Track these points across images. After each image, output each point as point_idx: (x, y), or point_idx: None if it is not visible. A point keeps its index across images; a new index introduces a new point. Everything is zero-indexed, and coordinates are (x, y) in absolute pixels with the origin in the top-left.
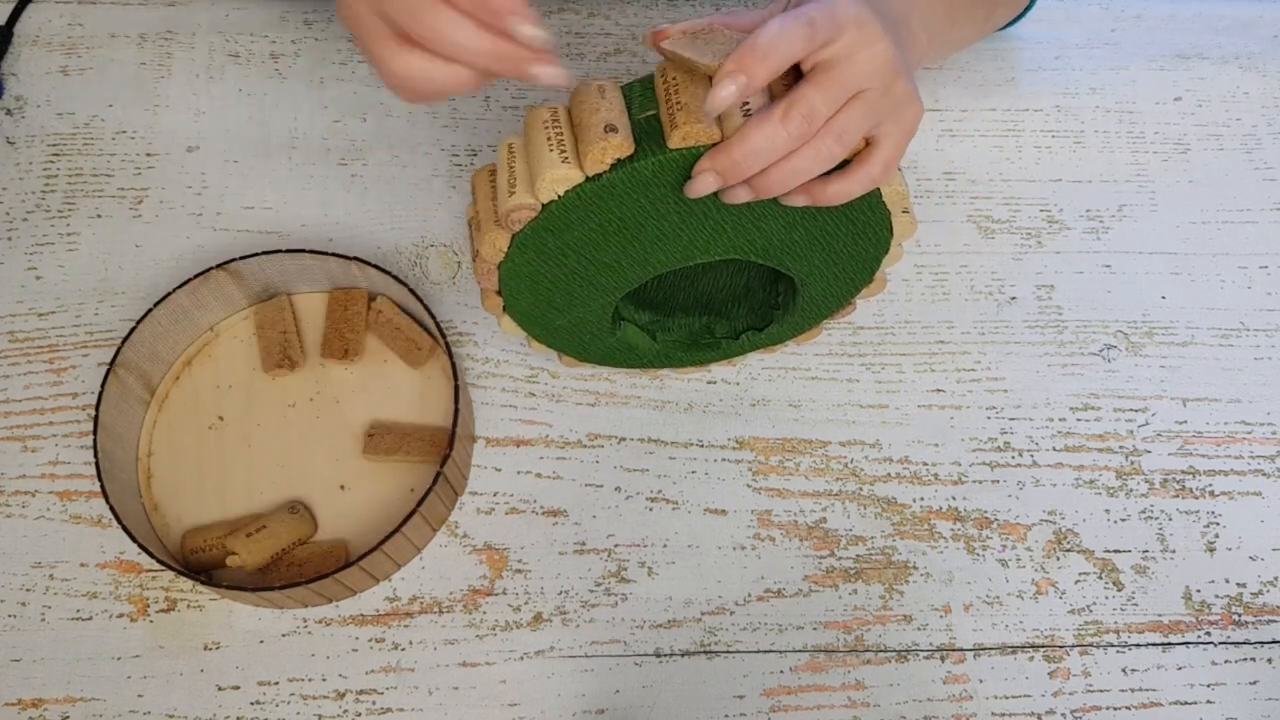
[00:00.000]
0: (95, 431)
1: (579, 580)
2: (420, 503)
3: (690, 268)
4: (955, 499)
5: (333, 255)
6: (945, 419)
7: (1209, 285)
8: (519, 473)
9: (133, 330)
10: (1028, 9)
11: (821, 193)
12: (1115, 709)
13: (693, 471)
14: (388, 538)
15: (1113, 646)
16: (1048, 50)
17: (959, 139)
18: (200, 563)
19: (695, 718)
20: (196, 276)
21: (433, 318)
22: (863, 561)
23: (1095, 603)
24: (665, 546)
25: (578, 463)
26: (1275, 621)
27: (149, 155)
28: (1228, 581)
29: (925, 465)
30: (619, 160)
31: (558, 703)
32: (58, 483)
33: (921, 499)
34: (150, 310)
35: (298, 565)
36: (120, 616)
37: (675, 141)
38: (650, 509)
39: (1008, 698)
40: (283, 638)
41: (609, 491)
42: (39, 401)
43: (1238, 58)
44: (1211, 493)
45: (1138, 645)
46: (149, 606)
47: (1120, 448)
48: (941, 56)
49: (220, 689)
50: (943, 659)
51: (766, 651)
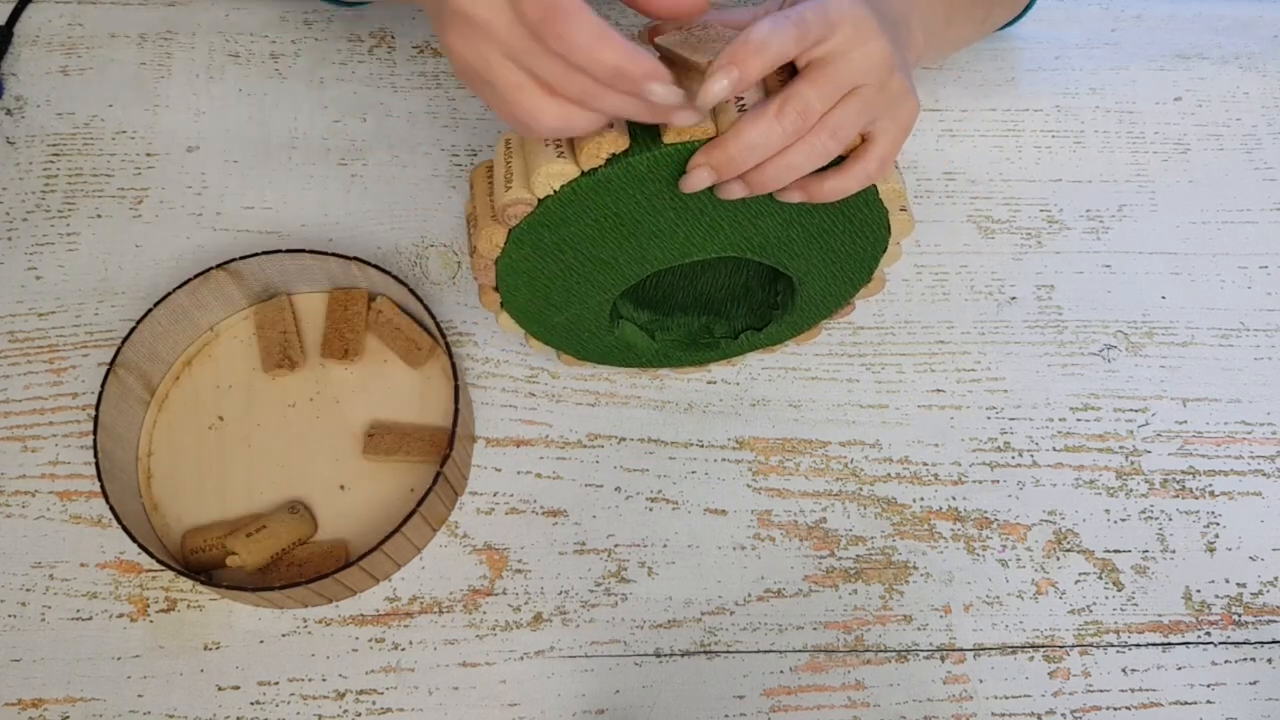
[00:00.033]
0: (95, 431)
1: (579, 580)
2: (420, 503)
3: (689, 267)
4: (955, 499)
5: (333, 255)
6: (945, 419)
7: (1209, 285)
8: (519, 473)
9: (133, 330)
10: (1027, 9)
11: (817, 189)
12: (1115, 709)
13: (693, 471)
14: (388, 538)
15: (1113, 646)
16: (1048, 50)
17: (959, 139)
18: (200, 563)
19: (695, 718)
20: (196, 276)
21: (433, 318)
22: (863, 561)
23: (1095, 603)
24: (665, 546)
25: (578, 463)
26: (1275, 621)
27: (149, 155)
28: (1228, 581)
29: (925, 465)
30: (614, 155)
31: (558, 703)
32: (58, 483)
33: (921, 499)
34: (150, 310)
35: (298, 565)
36: (120, 616)
37: (670, 136)
38: (650, 509)
39: (1008, 698)
40: (283, 638)
41: (609, 491)
42: (39, 401)
43: (1238, 58)
44: (1211, 493)
45: (1138, 645)
46: (149, 606)
47: (1120, 448)
48: (940, 55)
49: (220, 689)
50: (943, 659)
51: (766, 651)
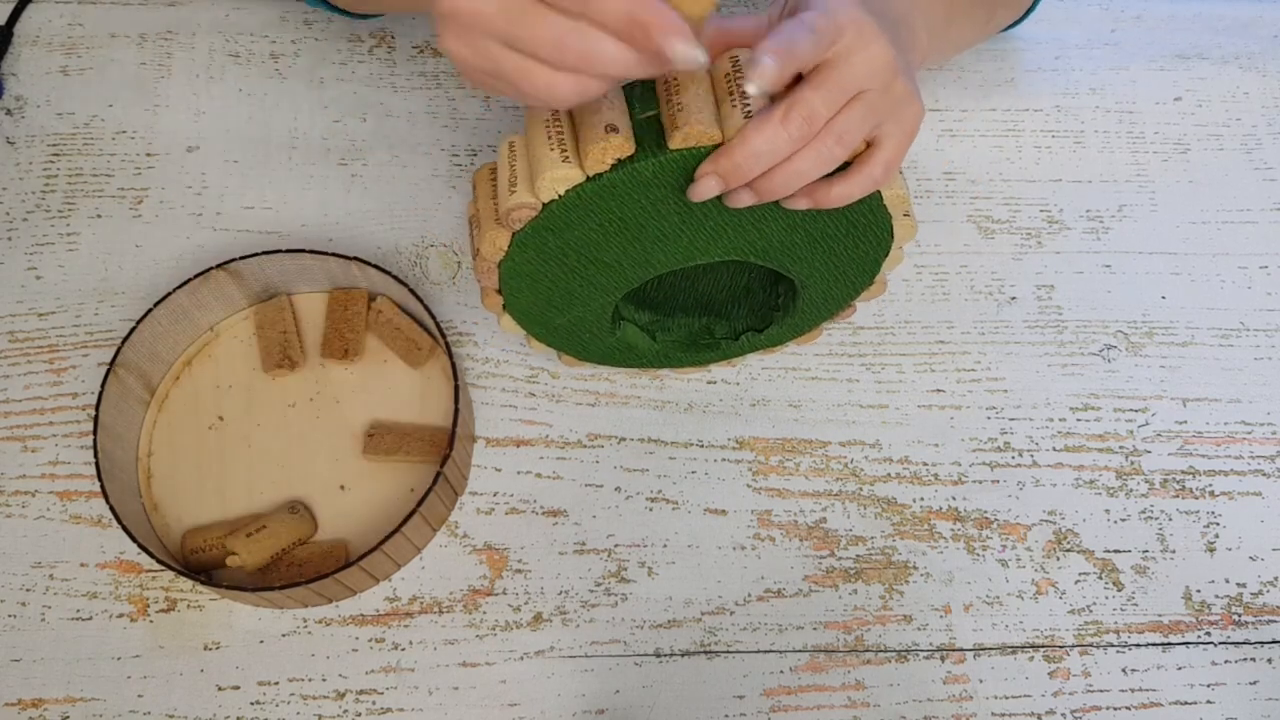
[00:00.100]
0: (95, 431)
1: (579, 580)
2: (420, 503)
3: (690, 268)
4: (955, 499)
5: (333, 255)
6: (945, 419)
7: (1209, 285)
8: (519, 473)
9: (133, 330)
10: (1031, 10)
11: (823, 195)
12: (1115, 709)
13: (693, 471)
14: (388, 538)
15: (1113, 646)
16: (1048, 50)
17: (959, 139)
18: (200, 563)
19: (695, 718)
20: (196, 276)
21: (433, 318)
22: (863, 561)
23: (1095, 603)
24: (665, 546)
25: (578, 463)
26: (1275, 621)
27: (149, 155)
28: (1228, 581)
29: (925, 465)
30: (620, 160)
31: (558, 703)
32: (58, 483)
33: (921, 499)
34: (150, 310)
35: (298, 565)
36: (120, 616)
37: (676, 142)
38: (650, 509)
39: (1008, 698)
40: (283, 638)
41: (609, 491)
42: (39, 401)
43: (1238, 58)
44: (1211, 493)
45: (1138, 645)
46: (149, 606)
47: (1120, 448)
48: (943, 57)
49: (220, 689)
50: (943, 659)
51: (766, 651)
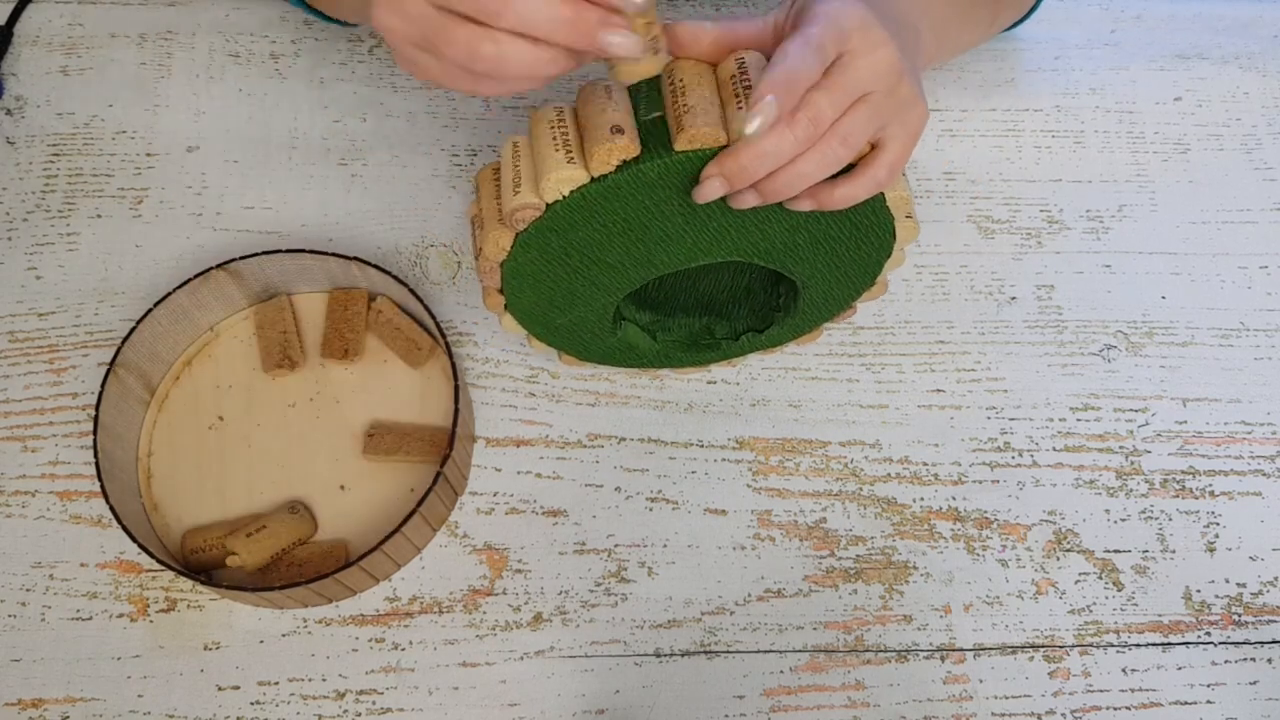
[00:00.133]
0: (95, 431)
1: (579, 580)
2: (420, 503)
3: (692, 269)
4: (955, 499)
5: (333, 255)
6: (945, 419)
7: (1209, 285)
8: (519, 473)
9: (133, 330)
10: (1032, 10)
11: (827, 197)
12: (1115, 709)
13: (693, 471)
14: (388, 538)
15: (1113, 646)
16: (1048, 51)
17: (959, 139)
18: (200, 563)
19: (695, 718)
20: (196, 276)
21: (433, 318)
22: (863, 561)
23: (1095, 603)
24: (665, 546)
25: (578, 463)
26: (1275, 621)
27: (149, 155)
28: (1228, 581)
29: (925, 465)
30: (624, 162)
31: (558, 703)
32: (58, 483)
33: (921, 499)
34: (150, 310)
35: (298, 565)
36: (120, 616)
37: (681, 144)
38: (650, 509)
39: (1008, 698)
40: (283, 638)
41: (609, 491)
42: (39, 401)
43: (1238, 58)
44: (1211, 493)
45: (1138, 645)
46: (149, 606)
47: (1120, 448)
48: (947, 58)
49: (220, 689)
50: (943, 659)
51: (766, 651)
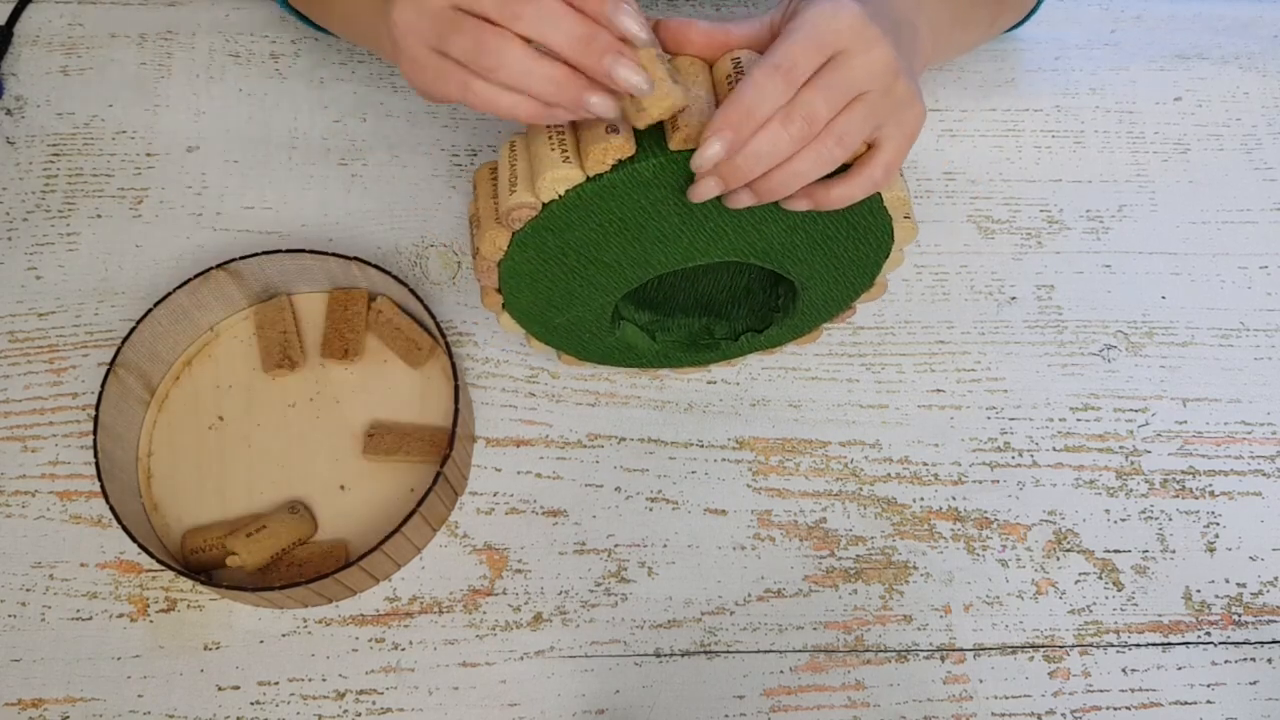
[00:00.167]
0: (95, 431)
1: (579, 580)
2: (420, 503)
3: (690, 269)
4: (955, 499)
5: (333, 255)
6: (945, 419)
7: (1209, 285)
8: (519, 473)
9: (133, 330)
10: (1034, 11)
11: (823, 196)
12: (1115, 709)
13: (693, 471)
14: (388, 538)
15: (1113, 646)
16: (1048, 51)
17: (959, 139)
18: (200, 563)
19: (695, 718)
20: (196, 276)
21: (433, 318)
22: (863, 561)
23: (1095, 603)
24: (665, 546)
25: (578, 463)
26: (1275, 621)
27: (149, 155)
28: (1228, 581)
29: (925, 465)
30: (620, 161)
31: (558, 703)
32: (58, 483)
33: (921, 499)
34: (150, 310)
35: (298, 565)
36: (120, 616)
37: (676, 143)
38: (650, 509)
39: (1008, 698)
40: (283, 638)
41: (609, 491)
42: (39, 401)
43: (1238, 58)
44: (1211, 493)
45: (1138, 645)
46: (149, 606)
47: (1120, 448)
48: (947, 59)
49: (220, 689)
50: (943, 659)
51: (766, 651)
